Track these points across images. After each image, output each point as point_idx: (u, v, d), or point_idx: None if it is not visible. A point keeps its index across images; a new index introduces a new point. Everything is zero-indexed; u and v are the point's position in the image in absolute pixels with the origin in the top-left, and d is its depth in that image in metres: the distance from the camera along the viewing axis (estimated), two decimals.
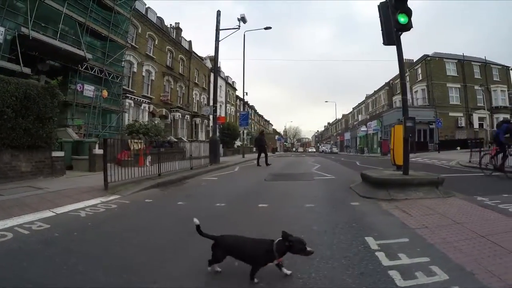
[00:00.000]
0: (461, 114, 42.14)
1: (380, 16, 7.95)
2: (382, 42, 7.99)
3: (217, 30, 19.97)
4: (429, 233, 4.08)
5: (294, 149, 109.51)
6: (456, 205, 5.85)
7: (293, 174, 13.32)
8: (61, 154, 10.75)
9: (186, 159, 14.16)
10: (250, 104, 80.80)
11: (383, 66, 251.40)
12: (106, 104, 21.72)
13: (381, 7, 7.90)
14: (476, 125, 42.39)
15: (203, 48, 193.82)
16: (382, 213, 5.50)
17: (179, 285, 2.82)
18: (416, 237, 3.97)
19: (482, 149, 15.89)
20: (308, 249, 2.87)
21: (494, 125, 42.45)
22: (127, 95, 26.06)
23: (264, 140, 19.18)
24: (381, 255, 3.36)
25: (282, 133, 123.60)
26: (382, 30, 7.93)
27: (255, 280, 2.84)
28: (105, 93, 20.83)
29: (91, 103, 19.99)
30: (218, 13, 20.33)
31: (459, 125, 41.21)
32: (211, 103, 46.17)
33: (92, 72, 20.19)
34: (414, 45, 50.32)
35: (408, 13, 7.26)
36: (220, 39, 20.12)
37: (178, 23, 40.68)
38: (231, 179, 11.97)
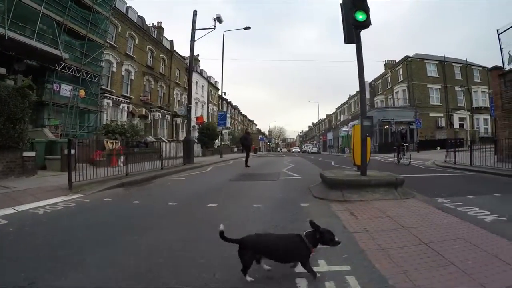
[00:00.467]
0: (442, 115, 43.28)
1: (342, 15, 7.96)
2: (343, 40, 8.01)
3: (193, 30, 20.09)
4: (366, 238, 4.01)
5: (278, 149, 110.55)
6: (411, 208, 5.76)
7: (261, 174, 13.48)
8: (32, 154, 10.96)
9: (162, 159, 14.44)
10: (233, 104, 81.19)
11: (367, 66, 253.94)
12: (84, 104, 21.88)
13: (343, 6, 7.87)
14: (456, 125, 43.55)
15: (186, 47, 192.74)
16: (327, 215, 5.40)
17: (87, 275, 3.07)
18: (351, 242, 3.86)
19: (457, 149, 16.71)
20: (336, 239, 2.93)
21: (475, 126, 43.76)
22: (106, 94, 26.22)
23: (250, 139, 19.25)
24: None
25: (266, 133, 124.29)
26: (343, 28, 7.94)
27: (318, 275, 2.88)
28: (82, 93, 20.99)
29: (68, 103, 20.20)
30: (195, 13, 20.43)
31: (439, 126, 42.26)
32: (191, 102, 46.71)
33: (69, 72, 20.36)
34: (407, 47, 51.51)
35: (366, 10, 7.22)
36: (195, 39, 20.29)
37: (160, 22, 40.87)
38: (197, 179, 12.14)
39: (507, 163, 11.74)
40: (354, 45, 7.72)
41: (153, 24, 39.59)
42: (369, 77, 59.06)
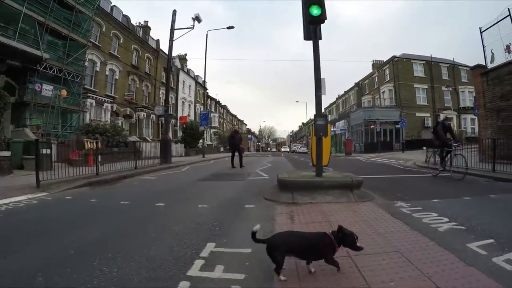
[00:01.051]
0: (428, 114, 44.03)
1: (302, 11, 7.82)
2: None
3: (172, 30, 20.19)
4: None
5: (268, 149, 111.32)
6: (360, 212, 5.59)
7: (232, 174, 13.67)
8: (7, 154, 11.38)
9: (136, 159, 14.76)
10: (222, 104, 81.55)
11: (356, 66, 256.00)
12: (66, 104, 22.09)
13: (303, 3, 7.59)
14: None
15: (173, 47, 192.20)
16: (264, 218, 5.28)
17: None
18: (263, 249, 3.44)
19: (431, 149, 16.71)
20: (358, 244, 2.97)
21: (462, 126, 44.60)
22: (89, 94, 26.43)
23: (239, 138, 17.55)
24: (198, 263, 3.30)
25: (257, 133, 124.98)
26: (303, 25, 7.92)
27: (340, 269, 3.02)
28: (64, 92, 21.16)
29: (50, 102, 20.45)
30: (174, 12, 20.46)
31: (425, 125, 42.93)
32: (178, 102, 47.01)
33: (51, 72, 20.57)
34: (399, 47, 52.28)
35: (321, 3, 7.02)
36: (174, 39, 20.38)
37: (147, 21, 41.18)
38: (166, 179, 12.35)
39: (489, 164, 11.76)
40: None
41: (139, 23, 39.88)
42: (357, 77, 59.88)
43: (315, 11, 7.02)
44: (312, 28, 7.49)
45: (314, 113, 7.78)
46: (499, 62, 15.90)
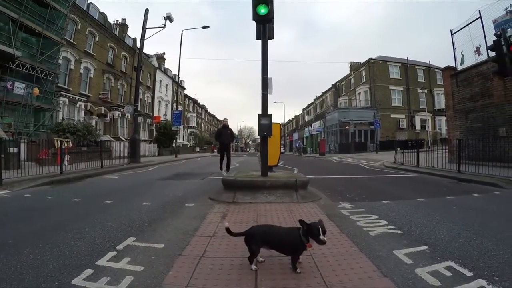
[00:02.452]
0: (403, 116, 45.27)
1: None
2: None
3: (143, 29, 20.35)
4: (202, 242, 4.01)
5: (247, 149, 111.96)
6: (296, 213, 5.60)
7: (194, 174, 14.19)
8: None
9: (113, 158, 15.04)
10: (200, 104, 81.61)
11: (336, 68, 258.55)
12: (38, 102, 22.16)
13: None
14: (418, 126, 45.60)
15: (152, 46, 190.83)
16: (197, 216, 5.46)
17: None
18: (179, 245, 3.91)
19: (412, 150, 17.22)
20: (321, 237, 2.92)
21: (437, 127, 45.84)
22: (62, 93, 26.38)
23: (228, 135, 13.76)
24: (110, 254, 3.57)
25: (237, 133, 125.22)
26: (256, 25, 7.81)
27: (298, 270, 3.08)
28: (36, 91, 21.26)
29: (22, 101, 20.52)
30: (146, 11, 20.59)
31: (400, 127, 44.11)
32: (154, 101, 47.06)
33: (24, 70, 20.63)
34: (377, 49, 53.05)
35: (267, 2, 7.07)
36: (145, 38, 20.66)
37: (125, 19, 41.28)
38: (128, 178, 12.53)
39: (456, 164, 11.93)
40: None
41: (117, 21, 39.92)
42: (335, 79, 60.71)
43: (262, 10, 7.10)
44: (262, 27, 7.54)
45: (260, 112, 7.64)
46: (469, 64, 16.47)
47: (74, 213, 5.94)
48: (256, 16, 7.18)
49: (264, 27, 7.51)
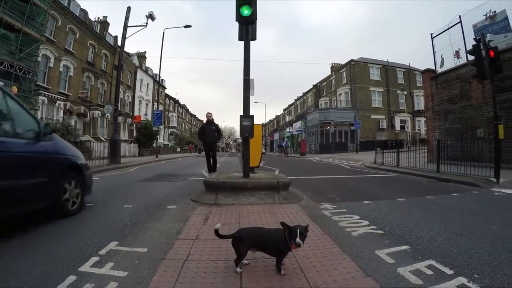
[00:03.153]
0: (383, 117, 46.14)
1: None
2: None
3: (125, 27, 20.00)
4: (185, 246, 3.94)
5: (228, 149, 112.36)
6: (279, 215, 5.54)
7: (175, 175, 13.66)
8: None
9: (92, 159, 14.78)
10: (181, 103, 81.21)
11: (317, 69, 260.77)
12: None
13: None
14: (398, 127, 46.49)
15: (133, 45, 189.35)
16: (179, 219, 5.38)
17: None
18: (161, 248, 3.87)
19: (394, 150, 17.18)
20: (297, 240, 2.91)
21: (416, 128, 46.69)
22: (41, 91, 25.91)
23: (213, 131, 12.07)
24: (93, 260, 3.53)
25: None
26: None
27: (282, 272, 3.06)
28: (14, 89, 20.60)
29: None
30: (128, 9, 20.22)
31: (380, 127, 44.89)
32: (135, 101, 46.68)
33: (2, 67, 20.26)
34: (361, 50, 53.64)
35: (251, 3, 7.02)
36: (126, 37, 20.22)
37: (106, 17, 40.95)
38: (109, 179, 12.39)
39: (436, 164, 12.12)
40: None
41: (98, 18, 39.47)
42: (316, 80, 61.19)
43: (245, 11, 7.04)
44: (245, 29, 7.46)
45: (241, 113, 7.54)
46: (448, 67, 16.86)
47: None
48: (239, 17, 7.13)
49: (247, 28, 7.46)
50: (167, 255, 3.64)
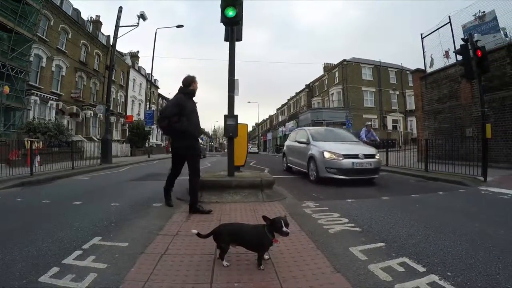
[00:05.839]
0: (375, 116, 46.48)
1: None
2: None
3: (117, 27, 20.04)
4: (165, 241, 4.04)
5: (221, 149, 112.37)
6: (260, 212, 5.32)
7: (164, 174, 11.51)
8: None
9: (84, 159, 14.80)
10: None
11: (311, 69, 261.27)
12: (8, 101, 21.71)
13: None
14: (390, 126, 46.76)
15: (126, 44, 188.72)
16: (163, 216, 5.49)
17: None
18: (143, 243, 3.97)
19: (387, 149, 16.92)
20: (284, 229, 3.00)
21: (408, 127, 46.90)
22: (33, 91, 25.74)
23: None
24: (76, 253, 3.66)
25: (211, 133, 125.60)
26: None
27: (261, 267, 3.12)
28: (6, 89, 20.85)
29: None
30: (120, 9, 20.20)
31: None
32: (128, 100, 46.52)
33: None
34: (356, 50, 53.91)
35: (235, 4, 7.03)
36: (118, 36, 20.38)
37: (99, 16, 40.75)
38: (99, 179, 12.42)
39: (425, 163, 12.03)
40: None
41: (91, 17, 39.27)
42: (309, 80, 61.35)
43: (230, 12, 7.06)
44: (231, 29, 7.52)
45: (226, 113, 7.58)
46: (438, 67, 17.02)
47: (43, 214, 6.00)
48: (224, 18, 7.17)
49: (232, 29, 7.53)
50: (147, 249, 3.76)
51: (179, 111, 5.68)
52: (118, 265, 3.29)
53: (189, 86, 6.04)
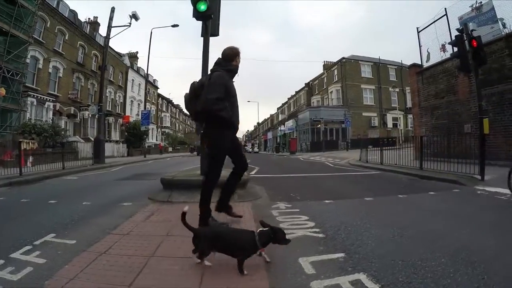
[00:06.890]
0: (375, 114, 46.39)
1: None
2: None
3: (109, 27, 20.15)
4: (114, 240, 3.96)
5: None
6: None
7: (152, 174, 13.46)
8: None
9: (79, 159, 14.82)
10: (175, 103, 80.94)
11: (312, 67, 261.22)
12: (5, 103, 21.70)
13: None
14: (390, 124, 46.59)
15: (124, 44, 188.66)
16: (124, 215, 5.41)
17: None
18: (89, 242, 3.93)
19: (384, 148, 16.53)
20: (287, 238, 3.02)
21: (409, 125, 46.67)
22: (30, 92, 25.75)
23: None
24: (25, 248, 3.75)
25: None
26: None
27: (245, 272, 2.84)
28: (2, 91, 20.86)
29: None
30: (112, 9, 20.27)
31: (372, 125, 44.98)
32: (126, 101, 46.50)
33: None
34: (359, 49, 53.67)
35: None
36: (111, 37, 20.52)
37: (97, 17, 40.92)
38: (87, 179, 12.52)
39: (423, 161, 11.72)
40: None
41: (88, 19, 39.49)
42: (309, 78, 61.22)
43: (201, 6, 6.89)
44: (205, 25, 7.39)
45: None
46: (435, 61, 16.53)
47: (16, 213, 6.17)
48: (196, 13, 6.99)
49: (206, 24, 7.40)
50: (90, 247, 3.74)
51: (225, 95, 4.27)
52: (55, 261, 3.34)
53: (231, 61, 4.62)
